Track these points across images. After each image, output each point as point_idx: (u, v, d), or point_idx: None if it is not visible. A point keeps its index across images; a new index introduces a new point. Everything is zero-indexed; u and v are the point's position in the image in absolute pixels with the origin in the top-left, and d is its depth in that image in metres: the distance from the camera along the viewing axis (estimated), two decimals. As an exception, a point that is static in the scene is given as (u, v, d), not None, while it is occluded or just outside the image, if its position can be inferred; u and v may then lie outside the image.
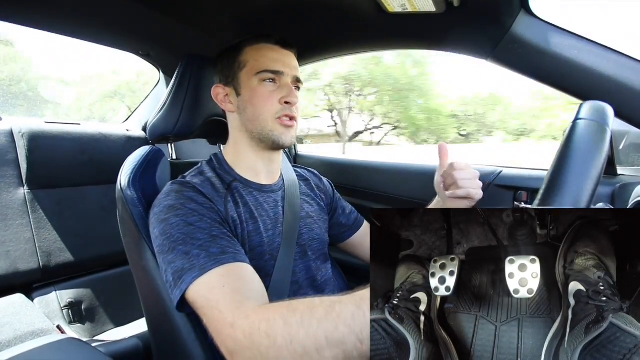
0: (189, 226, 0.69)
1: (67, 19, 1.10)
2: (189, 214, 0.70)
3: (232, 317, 0.57)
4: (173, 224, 0.69)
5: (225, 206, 0.79)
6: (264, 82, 0.83)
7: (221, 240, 0.69)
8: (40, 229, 1.46)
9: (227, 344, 0.56)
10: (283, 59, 0.85)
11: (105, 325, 1.57)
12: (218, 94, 0.89)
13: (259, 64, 0.83)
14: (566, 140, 0.48)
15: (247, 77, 0.84)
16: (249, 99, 0.84)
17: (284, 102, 0.83)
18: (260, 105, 0.83)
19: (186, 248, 0.66)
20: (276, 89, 0.84)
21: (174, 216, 0.70)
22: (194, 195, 0.74)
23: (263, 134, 0.84)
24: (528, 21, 0.87)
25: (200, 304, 0.62)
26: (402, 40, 1.12)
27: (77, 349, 0.75)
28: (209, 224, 0.71)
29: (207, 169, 0.86)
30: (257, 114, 0.83)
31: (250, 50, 0.85)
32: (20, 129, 1.44)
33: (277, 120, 0.83)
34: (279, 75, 0.84)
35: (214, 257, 0.65)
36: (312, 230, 0.93)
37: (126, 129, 1.80)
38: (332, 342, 0.47)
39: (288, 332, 0.50)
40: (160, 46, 1.39)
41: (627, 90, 0.81)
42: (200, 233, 0.68)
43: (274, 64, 0.83)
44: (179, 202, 0.72)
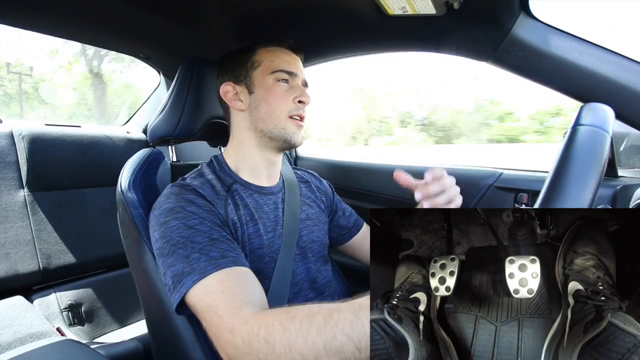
0: (189, 229, 0.69)
1: (67, 22, 1.11)
2: (188, 216, 0.70)
3: (231, 322, 0.56)
4: (173, 227, 0.69)
5: (226, 209, 0.78)
6: (278, 81, 0.85)
7: (221, 243, 0.69)
8: (40, 231, 1.46)
9: (227, 350, 0.56)
10: (295, 62, 0.88)
11: (105, 327, 1.57)
12: (227, 92, 0.88)
13: (274, 64, 0.85)
14: (566, 145, 0.48)
15: (262, 75, 0.85)
16: (264, 96, 0.85)
17: (298, 102, 0.85)
18: (275, 103, 0.84)
19: (186, 252, 0.66)
20: (289, 89, 0.86)
21: (174, 219, 0.70)
22: (194, 198, 0.74)
23: (275, 132, 0.85)
24: (528, 23, 0.87)
25: (200, 308, 0.62)
26: (402, 43, 1.12)
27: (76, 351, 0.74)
28: (209, 227, 0.70)
29: (207, 171, 0.86)
30: (272, 111, 0.84)
31: (264, 51, 0.87)
32: (21, 131, 1.45)
33: (290, 119, 0.85)
34: (292, 77, 0.86)
35: (214, 261, 0.64)
36: (312, 232, 0.93)
37: (126, 131, 1.81)
38: (330, 351, 0.47)
39: (287, 339, 0.50)
40: (161, 49, 1.39)
41: (627, 92, 0.81)
42: (200, 236, 0.68)
43: (289, 66, 0.86)
44: (179, 205, 0.72)
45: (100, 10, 1.02)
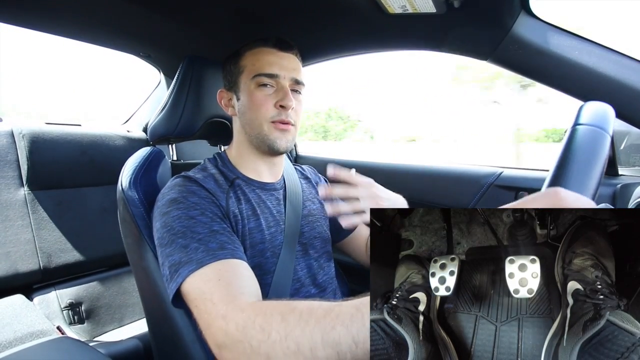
0: (190, 219, 0.69)
1: (67, 21, 1.10)
2: (190, 207, 0.71)
3: (225, 309, 0.56)
4: (174, 216, 0.70)
5: (227, 201, 0.79)
6: (260, 86, 0.83)
7: (221, 235, 0.69)
8: (40, 230, 1.46)
9: (217, 337, 0.55)
10: (280, 61, 0.84)
11: (106, 326, 1.57)
12: (222, 98, 0.91)
13: (255, 68, 0.83)
14: (566, 145, 0.48)
15: (245, 81, 0.85)
16: (247, 103, 0.84)
17: (279, 106, 0.83)
18: (256, 109, 0.83)
19: (185, 241, 0.66)
20: (272, 93, 0.83)
21: (176, 209, 0.71)
22: (196, 189, 0.75)
23: (259, 138, 0.84)
24: (528, 22, 0.87)
25: (194, 296, 0.61)
26: (403, 41, 1.12)
27: (77, 350, 0.75)
28: (210, 218, 0.71)
29: (210, 166, 0.87)
30: (253, 117, 0.84)
31: (249, 54, 0.86)
32: (21, 130, 1.45)
33: (272, 125, 0.83)
34: (275, 79, 0.83)
35: (212, 252, 0.65)
36: (314, 228, 0.93)
37: (127, 130, 1.80)
38: (327, 342, 0.46)
39: (284, 327, 0.49)
40: (161, 47, 1.39)
41: (628, 91, 0.81)
42: (201, 227, 0.69)
43: (270, 67, 0.83)
44: (182, 195, 0.73)
45: (101, 9, 1.02)
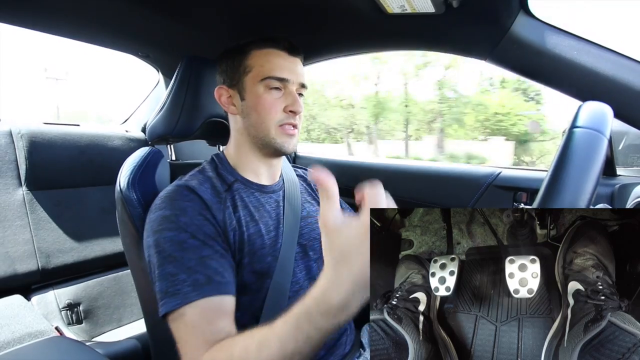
0: (180, 244, 0.69)
1: (66, 20, 1.10)
2: (181, 228, 0.70)
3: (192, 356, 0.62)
4: (166, 238, 0.69)
5: (224, 212, 0.77)
6: (270, 89, 0.82)
7: (210, 261, 0.69)
8: (39, 230, 1.46)
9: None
10: (290, 65, 0.84)
11: (104, 326, 1.56)
12: (221, 95, 0.88)
13: (264, 70, 0.82)
14: (562, 149, 0.48)
15: (253, 82, 0.83)
16: (254, 105, 0.83)
17: (289, 111, 0.82)
18: (264, 113, 0.82)
19: (174, 269, 0.67)
20: (281, 97, 0.83)
21: (167, 229, 0.70)
22: (189, 206, 0.73)
23: (265, 141, 0.83)
24: (527, 22, 0.87)
25: (173, 328, 0.66)
26: (402, 41, 1.12)
27: (75, 350, 0.74)
28: (201, 242, 0.70)
29: (208, 168, 0.86)
30: (261, 121, 0.82)
31: (257, 54, 0.84)
32: (20, 130, 1.44)
33: (280, 129, 0.83)
34: (285, 83, 0.83)
35: (199, 287, 0.65)
36: (313, 229, 0.92)
37: (125, 130, 1.80)
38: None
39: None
40: (160, 47, 1.39)
41: (626, 91, 0.81)
42: (192, 252, 0.68)
43: (281, 71, 0.82)
44: (174, 214, 0.72)
45: (100, 9, 1.02)
